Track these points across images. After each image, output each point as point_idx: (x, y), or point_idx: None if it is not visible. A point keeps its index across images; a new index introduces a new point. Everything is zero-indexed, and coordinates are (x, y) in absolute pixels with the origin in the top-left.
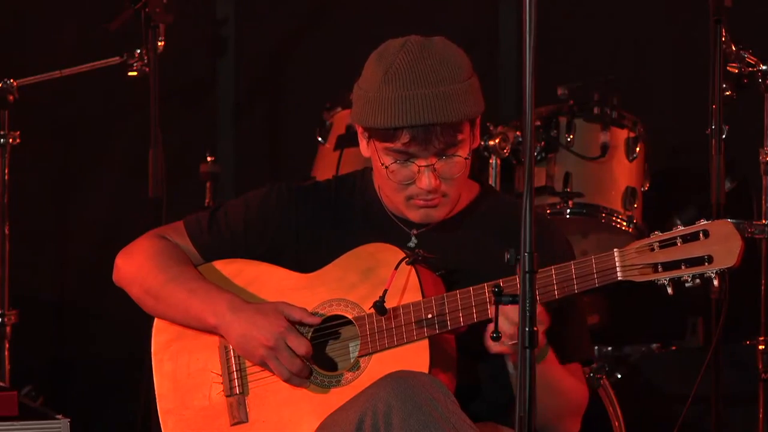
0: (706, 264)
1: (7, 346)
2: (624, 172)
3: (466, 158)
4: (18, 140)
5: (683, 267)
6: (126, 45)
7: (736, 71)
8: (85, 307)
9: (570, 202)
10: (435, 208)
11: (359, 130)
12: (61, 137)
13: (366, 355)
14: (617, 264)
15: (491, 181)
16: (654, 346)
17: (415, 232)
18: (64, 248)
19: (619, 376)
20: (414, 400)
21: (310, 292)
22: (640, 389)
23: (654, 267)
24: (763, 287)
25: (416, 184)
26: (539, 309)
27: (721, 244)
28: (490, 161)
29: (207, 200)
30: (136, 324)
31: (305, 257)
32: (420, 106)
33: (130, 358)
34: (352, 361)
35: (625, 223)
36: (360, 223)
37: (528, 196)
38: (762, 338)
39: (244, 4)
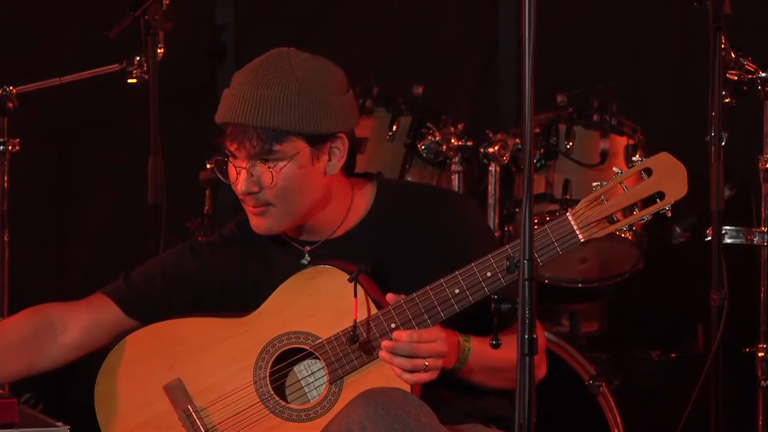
0: (659, 201)
1: None
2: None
3: (289, 168)
4: (17, 147)
5: (637, 210)
6: (125, 52)
7: (736, 78)
8: None
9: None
10: (262, 217)
11: None
12: (60, 144)
13: (337, 380)
14: (574, 226)
15: (490, 189)
16: (654, 353)
17: (308, 248)
18: (63, 255)
19: (619, 383)
20: (385, 420)
21: (251, 334)
22: (640, 397)
23: (609, 218)
24: (762, 294)
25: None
26: (436, 327)
27: (667, 177)
28: (490, 168)
29: (206, 207)
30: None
31: (233, 307)
32: (236, 104)
33: None
34: (323, 389)
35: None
36: (260, 256)
37: (527, 204)
38: (762, 345)
39: (244, 11)
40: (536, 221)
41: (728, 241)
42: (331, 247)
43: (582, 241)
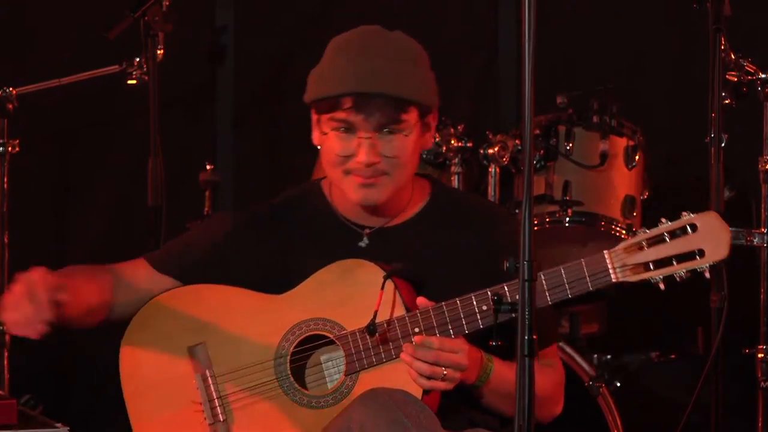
0: (698, 258)
1: (6, 354)
2: (623, 181)
3: (409, 138)
4: (17, 148)
5: (675, 263)
6: (125, 53)
7: (736, 80)
8: None
9: (569, 211)
10: (374, 188)
11: (313, 118)
12: (60, 145)
13: (353, 373)
14: (609, 266)
15: (490, 190)
16: (653, 354)
17: (367, 231)
18: (63, 256)
19: (619, 384)
20: (385, 420)
21: (280, 313)
22: (640, 398)
23: (645, 265)
24: (762, 296)
25: (355, 157)
26: (460, 339)
27: (710, 237)
28: (490, 170)
29: (206, 209)
30: None
31: (264, 282)
32: (367, 74)
33: None
34: (338, 380)
35: (624, 232)
36: (312, 235)
37: (527, 205)
38: (761, 347)
39: (244, 12)
40: (536, 222)
41: None
42: (387, 234)
43: (614, 281)
